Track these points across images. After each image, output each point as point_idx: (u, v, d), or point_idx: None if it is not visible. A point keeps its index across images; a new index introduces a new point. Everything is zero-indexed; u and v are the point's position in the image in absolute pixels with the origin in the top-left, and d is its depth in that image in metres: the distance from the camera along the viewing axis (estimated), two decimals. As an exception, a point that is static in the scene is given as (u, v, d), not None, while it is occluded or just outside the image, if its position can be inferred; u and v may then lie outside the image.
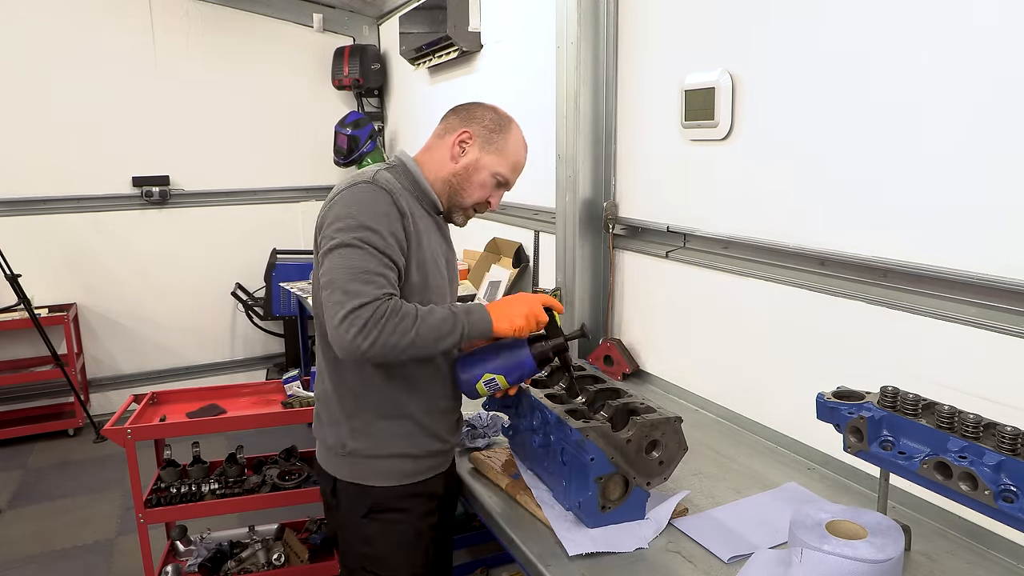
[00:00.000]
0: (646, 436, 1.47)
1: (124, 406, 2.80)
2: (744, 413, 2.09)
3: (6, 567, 3.12)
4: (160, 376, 4.80)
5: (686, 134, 2.17)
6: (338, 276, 1.37)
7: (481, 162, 1.58)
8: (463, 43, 3.54)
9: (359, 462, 1.58)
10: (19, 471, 4.06)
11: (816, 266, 1.80)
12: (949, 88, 1.45)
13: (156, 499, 2.67)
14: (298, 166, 5.15)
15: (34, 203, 4.50)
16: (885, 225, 1.61)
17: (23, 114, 4.39)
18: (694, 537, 1.47)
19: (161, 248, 4.86)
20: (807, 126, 1.78)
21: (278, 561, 2.83)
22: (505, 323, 1.49)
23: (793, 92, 1.81)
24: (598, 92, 2.50)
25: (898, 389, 1.27)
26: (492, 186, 1.61)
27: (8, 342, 4.53)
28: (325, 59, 5.03)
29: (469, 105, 1.64)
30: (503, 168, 1.60)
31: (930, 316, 1.52)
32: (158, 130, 4.71)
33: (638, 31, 2.37)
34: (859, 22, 1.62)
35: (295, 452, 3.04)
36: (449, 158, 1.59)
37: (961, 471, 1.12)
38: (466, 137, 1.58)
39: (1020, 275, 1.35)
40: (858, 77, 1.63)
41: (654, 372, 2.47)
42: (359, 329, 1.33)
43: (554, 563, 1.40)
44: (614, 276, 2.60)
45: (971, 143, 1.42)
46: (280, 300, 4.71)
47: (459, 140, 1.58)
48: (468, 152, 1.58)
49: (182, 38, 4.70)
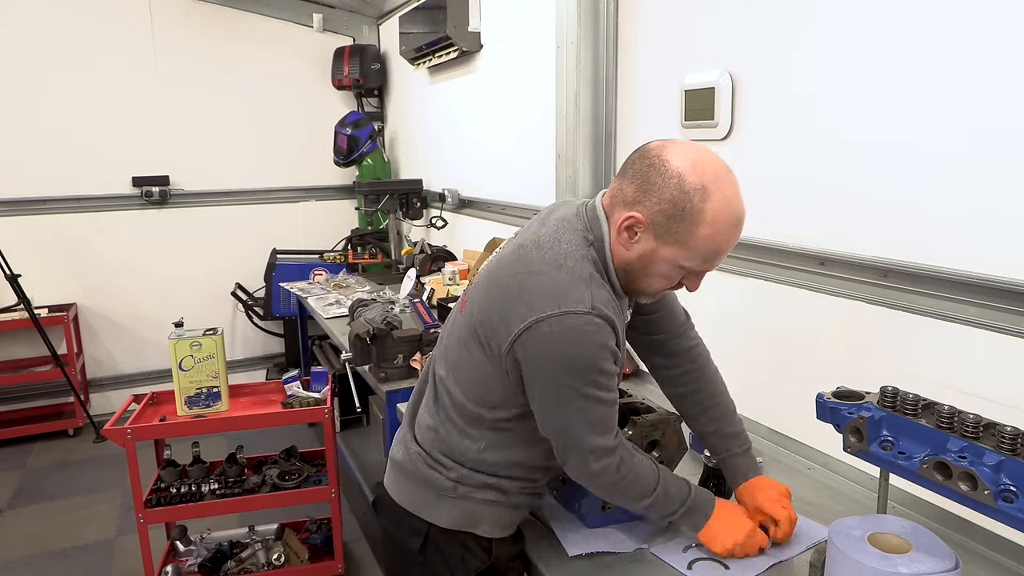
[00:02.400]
0: (646, 436, 1.47)
1: (124, 406, 2.80)
2: (743, 413, 2.07)
3: (6, 567, 3.12)
4: (160, 376, 4.79)
5: (686, 134, 2.17)
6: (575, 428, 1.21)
7: (659, 254, 1.21)
8: (463, 43, 3.53)
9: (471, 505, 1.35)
10: (19, 471, 4.06)
11: (816, 266, 1.79)
12: (949, 88, 1.45)
13: (156, 499, 2.67)
14: (298, 166, 5.15)
15: (34, 203, 4.50)
16: (885, 225, 1.61)
17: (23, 114, 4.39)
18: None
19: (161, 248, 4.86)
20: (807, 126, 1.78)
21: (278, 561, 2.83)
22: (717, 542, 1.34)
23: (793, 92, 1.81)
24: (598, 92, 2.50)
25: (898, 389, 1.27)
26: (680, 274, 1.26)
27: (8, 342, 4.53)
28: (325, 59, 5.03)
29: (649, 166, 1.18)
30: (691, 261, 1.21)
31: (930, 316, 1.52)
32: (158, 130, 4.71)
33: (638, 31, 2.37)
34: (859, 22, 1.62)
35: (295, 452, 3.04)
36: (618, 242, 1.23)
37: (961, 471, 1.12)
38: (634, 223, 1.20)
39: (1020, 275, 1.35)
40: (858, 77, 1.63)
41: (654, 372, 2.47)
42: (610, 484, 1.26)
43: (554, 563, 1.39)
44: (614, 276, 2.59)
45: (972, 143, 1.42)
46: (280, 300, 4.71)
47: (624, 226, 1.21)
48: (641, 241, 1.21)
49: (182, 38, 4.70)
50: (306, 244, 5.20)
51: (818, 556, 1.20)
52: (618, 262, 1.25)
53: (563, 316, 1.15)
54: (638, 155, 1.22)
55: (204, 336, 2.69)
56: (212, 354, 2.70)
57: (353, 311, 2.82)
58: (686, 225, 1.17)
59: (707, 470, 1.63)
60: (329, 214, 5.28)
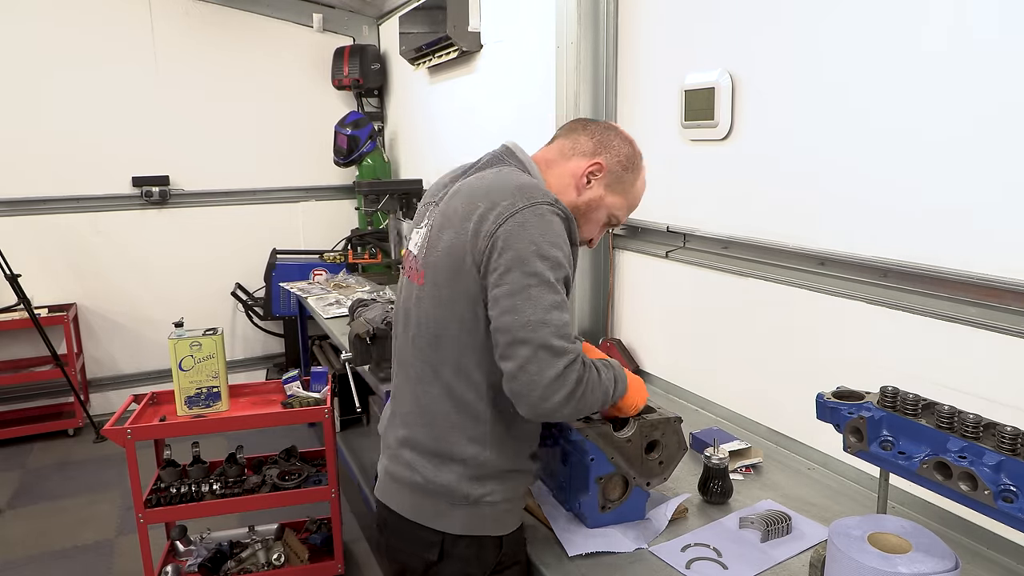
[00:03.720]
0: (646, 436, 1.47)
1: (124, 406, 2.80)
2: (744, 413, 2.09)
3: (6, 567, 3.12)
4: (160, 376, 4.80)
5: (686, 134, 2.17)
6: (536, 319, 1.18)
7: (604, 200, 1.42)
8: (463, 43, 3.53)
9: (486, 511, 1.35)
10: (19, 471, 4.07)
11: (816, 266, 1.80)
12: (949, 88, 1.45)
13: (156, 499, 2.67)
14: (298, 166, 5.15)
15: (34, 203, 4.50)
16: (885, 225, 1.61)
17: (23, 114, 4.39)
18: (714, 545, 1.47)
19: (161, 248, 4.86)
20: (807, 126, 1.78)
21: (278, 561, 2.83)
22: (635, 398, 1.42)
23: (793, 92, 1.81)
24: (598, 92, 2.50)
25: (898, 389, 1.27)
26: (604, 224, 1.47)
27: (8, 342, 4.53)
28: (325, 59, 5.03)
29: (605, 128, 1.45)
30: (621, 211, 1.46)
31: (930, 316, 1.52)
32: (158, 130, 4.72)
33: (638, 31, 2.37)
34: (860, 22, 1.62)
35: (295, 452, 3.04)
36: (572, 186, 1.40)
37: (961, 471, 1.12)
38: (596, 168, 1.40)
39: (1020, 275, 1.35)
40: (858, 76, 1.63)
41: (654, 372, 2.47)
42: (569, 392, 1.19)
43: (554, 563, 1.40)
44: (614, 276, 2.60)
45: (971, 143, 1.42)
46: (280, 300, 4.71)
47: (588, 171, 1.40)
48: (593, 187, 1.41)
49: (182, 38, 4.70)
50: (306, 244, 5.20)
51: (818, 556, 1.20)
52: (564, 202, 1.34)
53: (531, 207, 1.24)
54: (584, 122, 1.48)
55: (204, 336, 2.69)
56: (212, 354, 2.70)
57: (353, 311, 2.82)
58: (631, 176, 1.44)
59: (707, 469, 1.63)
60: (329, 214, 5.28)
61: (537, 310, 1.19)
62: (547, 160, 1.43)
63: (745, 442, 1.85)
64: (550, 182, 1.40)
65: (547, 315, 1.19)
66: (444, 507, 1.34)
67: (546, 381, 1.17)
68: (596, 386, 1.25)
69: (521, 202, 1.24)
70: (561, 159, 1.42)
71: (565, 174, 1.41)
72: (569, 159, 1.42)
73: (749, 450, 1.83)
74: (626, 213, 1.48)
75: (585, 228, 1.44)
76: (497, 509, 1.35)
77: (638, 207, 1.52)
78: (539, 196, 1.26)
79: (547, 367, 1.17)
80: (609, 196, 1.42)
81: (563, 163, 1.42)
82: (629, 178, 1.43)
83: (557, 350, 1.18)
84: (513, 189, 1.27)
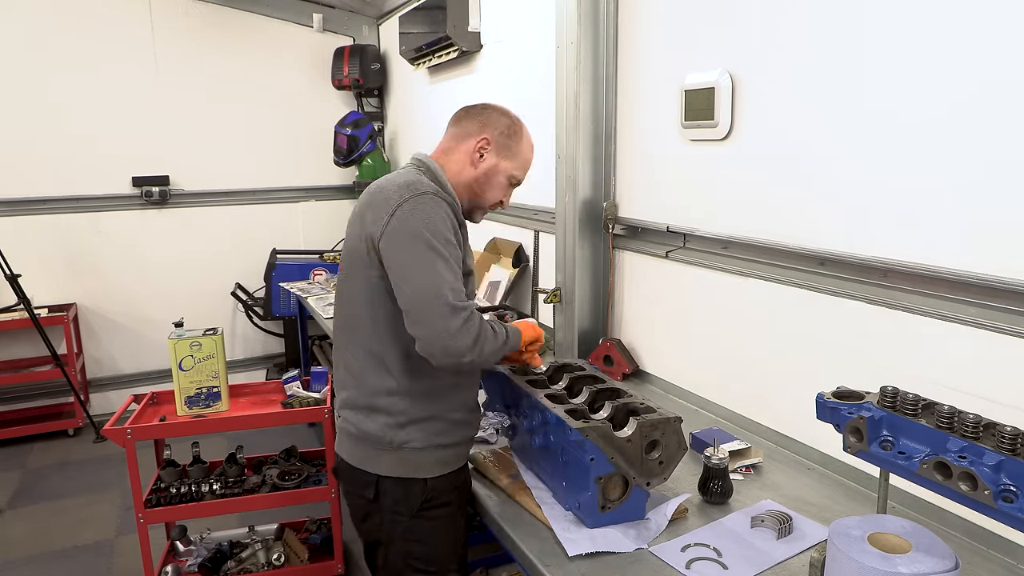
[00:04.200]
0: (646, 436, 1.47)
1: (124, 406, 2.80)
2: (744, 413, 2.09)
3: (6, 567, 3.12)
4: (160, 376, 4.80)
5: (686, 134, 2.17)
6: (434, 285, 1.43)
7: (499, 167, 1.67)
8: (463, 43, 3.54)
9: (409, 456, 1.59)
10: (19, 471, 4.07)
11: (816, 266, 1.79)
12: (948, 89, 1.45)
13: (156, 499, 2.67)
14: (298, 166, 5.15)
15: (34, 203, 4.50)
16: (885, 225, 1.61)
17: (23, 114, 4.39)
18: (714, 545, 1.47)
19: (161, 248, 4.86)
20: (807, 126, 1.78)
21: (278, 561, 2.83)
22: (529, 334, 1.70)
23: (793, 92, 1.81)
24: (598, 92, 2.50)
25: (898, 389, 1.27)
26: (507, 186, 1.72)
27: (8, 342, 4.53)
28: (325, 59, 5.03)
29: (482, 109, 1.71)
30: (518, 171, 1.71)
31: (930, 316, 1.52)
32: (158, 130, 4.72)
33: (638, 31, 2.37)
34: (860, 22, 1.62)
35: (295, 452, 3.04)
36: (468, 163, 1.66)
37: (961, 471, 1.12)
38: (484, 144, 1.66)
39: (1020, 275, 1.35)
40: (858, 77, 1.63)
41: (654, 372, 2.47)
42: (473, 340, 1.44)
43: (554, 563, 1.40)
44: (614, 276, 2.60)
45: (971, 144, 1.42)
46: (280, 300, 4.71)
47: (478, 147, 1.66)
48: (487, 158, 1.67)
49: (182, 38, 4.70)
50: (306, 244, 5.20)
51: (818, 556, 1.20)
52: (465, 180, 1.66)
53: (414, 197, 1.50)
54: (466, 109, 1.72)
55: (204, 336, 2.69)
56: (212, 354, 2.70)
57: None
58: (515, 140, 1.69)
59: (707, 469, 1.63)
60: (329, 214, 5.28)
61: (434, 276, 1.43)
62: (443, 149, 1.70)
63: (745, 442, 1.85)
64: (449, 166, 1.66)
65: (442, 279, 1.44)
66: (373, 452, 1.60)
67: (451, 331, 1.41)
68: (492, 336, 1.51)
69: (407, 193, 1.50)
70: (455, 144, 1.69)
71: (462, 155, 1.67)
72: (461, 142, 1.68)
73: (749, 450, 1.83)
74: (523, 172, 1.73)
75: (490, 193, 1.69)
76: (421, 455, 1.59)
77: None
78: (422, 187, 1.52)
79: (450, 321, 1.41)
80: (503, 162, 1.68)
81: (457, 147, 1.68)
82: (514, 143, 1.69)
83: (456, 307, 1.43)
84: (400, 185, 1.53)
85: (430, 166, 1.64)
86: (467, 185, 1.67)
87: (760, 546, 1.44)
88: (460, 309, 1.43)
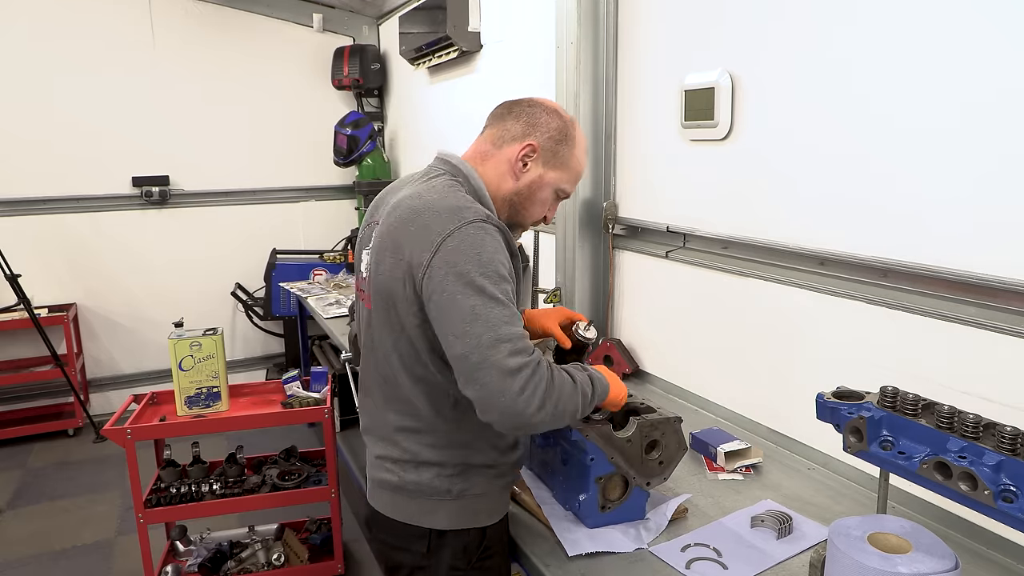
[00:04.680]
0: (646, 436, 1.47)
1: (124, 406, 2.80)
2: (744, 413, 2.09)
3: (6, 567, 3.12)
4: (160, 376, 4.80)
5: (686, 134, 2.17)
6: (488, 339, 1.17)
7: (545, 179, 1.42)
8: (463, 43, 3.53)
9: (470, 503, 1.40)
10: (19, 471, 4.07)
11: (816, 266, 1.79)
12: (948, 88, 1.45)
13: (156, 499, 2.67)
14: (298, 166, 5.15)
15: (34, 203, 4.51)
16: (885, 225, 1.61)
17: (23, 114, 4.39)
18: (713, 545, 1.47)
19: (161, 248, 4.86)
20: (808, 126, 1.78)
21: (278, 561, 2.83)
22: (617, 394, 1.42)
23: (793, 92, 1.81)
24: (598, 92, 2.50)
25: (898, 389, 1.27)
26: (552, 201, 1.47)
27: (8, 342, 4.53)
28: (325, 59, 5.03)
29: (530, 107, 1.43)
30: (567, 184, 1.45)
31: (930, 316, 1.52)
32: (158, 130, 4.72)
33: (638, 31, 2.37)
34: (860, 22, 1.62)
35: (295, 452, 3.04)
36: (509, 173, 1.41)
37: (961, 471, 1.12)
38: (529, 151, 1.40)
39: (1020, 275, 1.35)
40: (858, 77, 1.63)
41: (654, 372, 2.47)
42: (541, 401, 1.18)
43: (554, 563, 1.40)
44: (614, 276, 2.60)
45: (971, 143, 1.42)
46: (280, 300, 4.71)
47: (521, 155, 1.40)
48: (531, 169, 1.41)
49: (182, 38, 4.70)
50: (306, 244, 5.20)
51: (818, 556, 1.20)
52: (504, 194, 1.41)
53: (462, 228, 1.23)
54: (508, 105, 1.46)
55: (204, 336, 2.69)
56: (212, 354, 2.70)
57: (353, 311, 2.82)
58: (567, 148, 1.42)
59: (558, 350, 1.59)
60: (329, 214, 5.28)
61: (488, 330, 1.18)
62: (481, 153, 1.44)
63: (745, 442, 1.85)
64: (487, 175, 1.41)
65: (499, 331, 1.18)
66: (428, 504, 1.39)
67: (510, 398, 1.16)
68: (570, 390, 1.25)
69: (452, 224, 1.24)
70: (494, 149, 1.42)
71: (501, 163, 1.41)
72: (501, 147, 1.41)
73: (749, 450, 1.83)
74: (573, 184, 1.47)
75: (533, 209, 1.45)
76: (480, 502, 1.40)
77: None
78: (469, 215, 1.25)
79: (508, 385, 1.16)
80: (549, 173, 1.42)
81: (496, 153, 1.42)
82: (565, 150, 1.42)
83: (514, 367, 1.17)
84: (444, 210, 1.26)
85: (469, 178, 1.38)
86: (507, 199, 1.41)
87: (760, 546, 1.44)
88: (518, 368, 1.17)
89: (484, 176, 1.40)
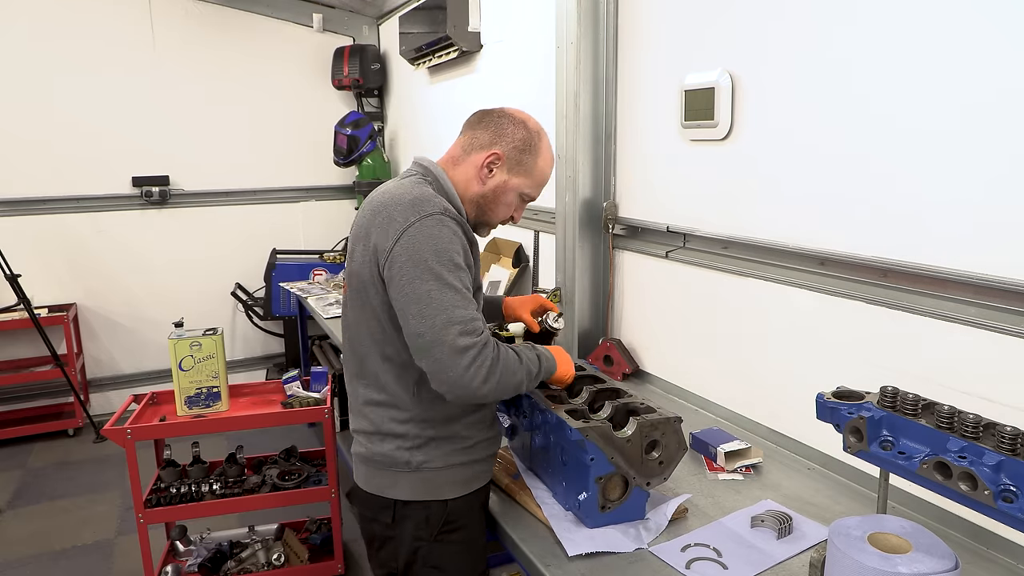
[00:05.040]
0: (646, 436, 1.47)
1: (124, 406, 2.80)
2: (744, 413, 2.09)
3: (6, 567, 3.12)
4: (160, 376, 4.80)
5: (686, 134, 2.17)
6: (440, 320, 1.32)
7: (509, 184, 1.55)
8: (463, 43, 3.53)
9: (428, 476, 1.50)
10: (19, 471, 4.06)
11: (816, 266, 1.79)
12: (948, 88, 1.45)
13: (156, 499, 2.67)
14: (298, 166, 5.15)
15: (34, 203, 4.51)
16: (885, 225, 1.61)
17: (23, 114, 4.39)
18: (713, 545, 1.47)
19: (161, 248, 4.86)
20: (808, 126, 1.78)
21: (278, 561, 2.83)
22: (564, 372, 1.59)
23: (793, 92, 1.81)
24: (598, 92, 2.50)
25: (898, 389, 1.27)
26: (517, 203, 1.61)
27: (8, 342, 4.53)
28: (325, 59, 5.03)
29: (498, 117, 1.57)
30: (530, 189, 1.59)
31: (930, 316, 1.52)
32: (158, 130, 4.72)
33: (638, 31, 2.37)
34: (860, 22, 1.62)
35: (295, 452, 3.04)
36: (476, 178, 1.54)
37: (961, 471, 1.12)
38: (494, 159, 1.53)
39: (1020, 275, 1.35)
40: (859, 77, 1.63)
41: (654, 372, 2.47)
42: (485, 375, 1.34)
43: (554, 563, 1.40)
44: (614, 276, 2.60)
45: (971, 143, 1.42)
46: (280, 300, 4.71)
47: (487, 163, 1.53)
48: (496, 175, 1.54)
49: (182, 38, 4.70)
50: (306, 244, 5.20)
51: (818, 556, 1.20)
52: (471, 196, 1.55)
53: (421, 220, 1.39)
54: (480, 115, 1.59)
55: (204, 336, 2.69)
56: (212, 354, 2.70)
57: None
58: (531, 157, 1.55)
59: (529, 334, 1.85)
60: (329, 214, 5.28)
61: (440, 312, 1.33)
62: (453, 158, 1.58)
63: (745, 442, 1.85)
64: (456, 178, 1.55)
65: (451, 314, 1.33)
66: (390, 475, 1.52)
67: (458, 373, 1.32)
68: (514, 367, 1.42)
69: (413, 216, 1.39)
70: (464, 155, 1.57)
71: (469, 168, 1.55)
72: (470, 154, 1.56)
73: (749, 450, 1.83)
74: (537, 190, 1.61)
75: (499, 211, 1.59)
76: (439, 475, 1.51)
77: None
78: (429, 208, 1.40)
79: (457, 361, 1.32)
80: (513, 179, 1.55)
81: (466, 158, 1.56)
82: (529, 159, 1.55)
83: (461, 347, 1.32)
84: (406, 204, 1.42)
85: (437, 176, 1.53)
86: (474, 201, 1.55)
87: (760, 546, 1.44)
88: (467, 348, 1.32)
89: (454, 179, 1.55)
